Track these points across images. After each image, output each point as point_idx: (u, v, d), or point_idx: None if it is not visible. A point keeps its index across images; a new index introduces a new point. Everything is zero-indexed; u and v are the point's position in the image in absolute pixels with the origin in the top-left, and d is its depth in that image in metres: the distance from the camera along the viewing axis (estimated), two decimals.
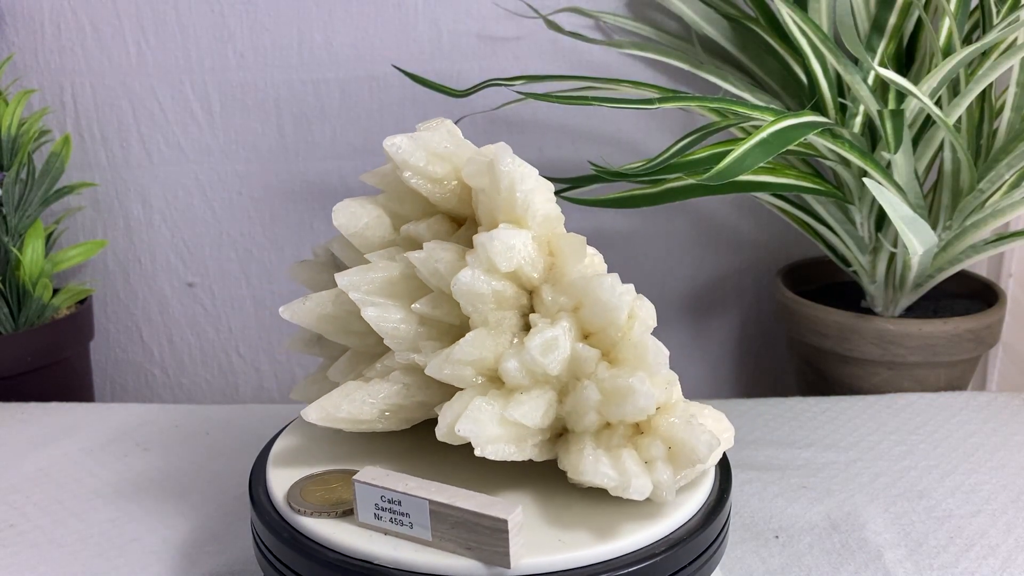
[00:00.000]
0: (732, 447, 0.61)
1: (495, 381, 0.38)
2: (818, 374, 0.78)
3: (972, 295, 0.80)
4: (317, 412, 0.40)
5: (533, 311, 0.39)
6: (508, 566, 0.34)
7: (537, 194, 0.38)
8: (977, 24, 0.71)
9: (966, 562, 0.49)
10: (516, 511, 0.34)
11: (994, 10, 0.66)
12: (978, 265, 0.84)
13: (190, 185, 0.88)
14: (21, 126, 0.79)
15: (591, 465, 0.36)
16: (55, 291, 0.82)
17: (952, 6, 0.66)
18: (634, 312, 0.37)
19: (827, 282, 0.86)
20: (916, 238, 0.61)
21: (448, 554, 0.34)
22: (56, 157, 0.81)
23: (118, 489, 0.58)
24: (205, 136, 0.87)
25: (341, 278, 0.39)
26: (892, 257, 0.73)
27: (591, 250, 0.40)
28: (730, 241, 0.91)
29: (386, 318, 0.39)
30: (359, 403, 0.40)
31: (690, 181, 0.64)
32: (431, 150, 0.41)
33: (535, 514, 0.37)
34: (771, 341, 0.94)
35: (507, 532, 0.33)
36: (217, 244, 0.90)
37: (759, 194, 0.75)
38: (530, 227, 0.38)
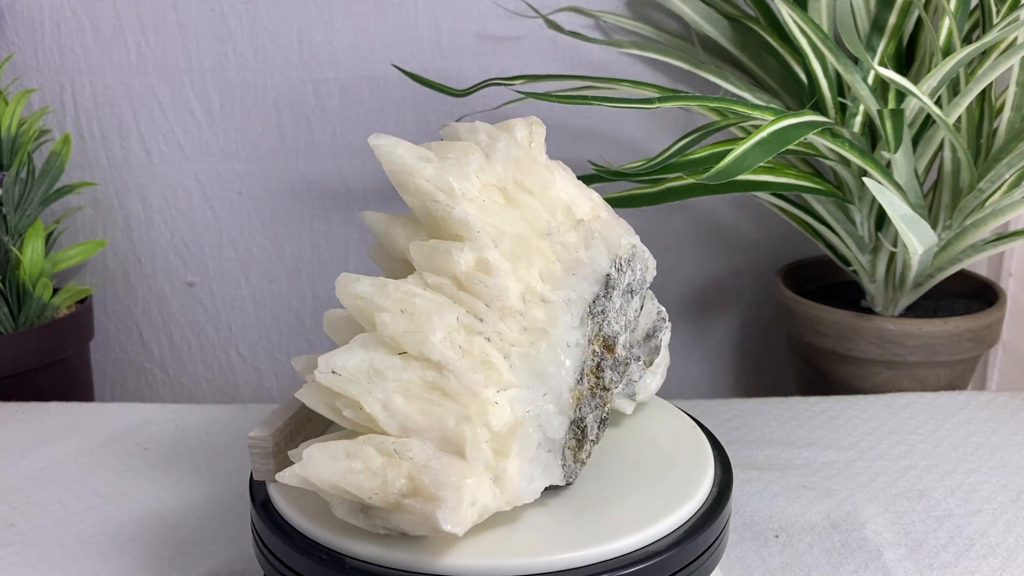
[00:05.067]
0: (732, 447, 0.62)
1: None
2: (818, 374, 0.78)
3: (972, 295, 0.80)
4: None
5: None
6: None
7: (407, 192, 0.38)
8: (977, 24, 0.71)
9: (966, 562, 0.49)
10: (263, 433, 0.38)
11: (994, 10, 0.66)
12: (978, 265, 0.84)
13: (190, 185, 0.88)
14: (21, 126, 0.79)
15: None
16: (55, 291, 0.82)
17: (952, 6, 0.66)
18: (382, 322, 0.35)
19: (827, 282, 0.86)
20: (916, 237, 0.61)
21: None
22: (56, 157, 0.81)
23: (118, 489, 0.58)
24: (205, 136, 0.87)
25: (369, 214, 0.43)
26: (892, 256, 0.73)
27: (492, 259, 0.37)
28: (730, 241, 0.91)
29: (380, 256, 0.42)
30: None
31: (690, 181, 0.64)
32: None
33: (535, 514, 0.37)
34: (771, 341, 0.94)
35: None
36: (217, 244, 0.90)
37: (759, 194, 0.75)
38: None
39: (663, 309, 0.43)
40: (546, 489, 0.37)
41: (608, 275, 0.39)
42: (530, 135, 0.41)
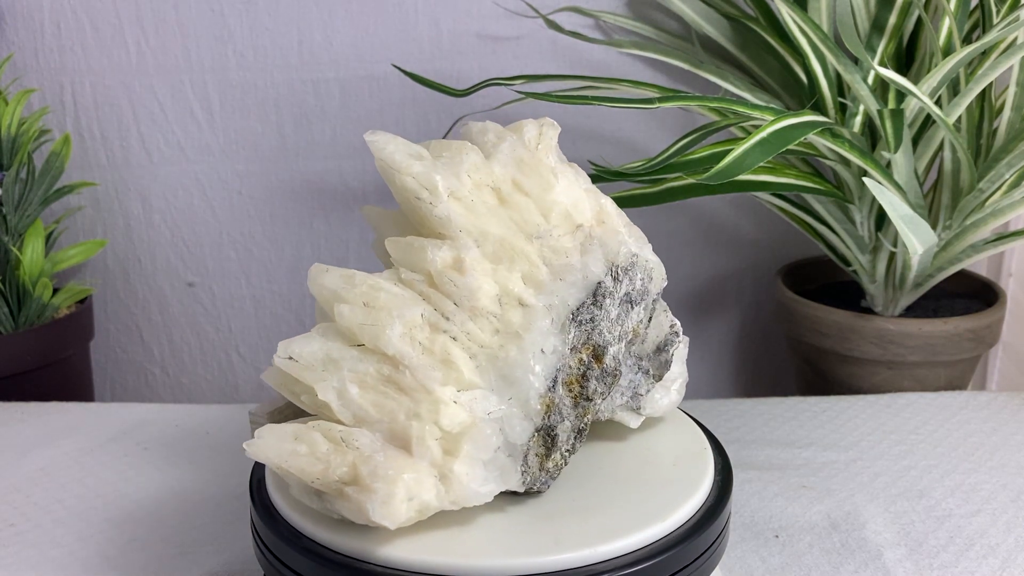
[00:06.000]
0: (732, 447, 0.62)
1: None
2: (818, 374, 0.78)
3: (972, 295, 0.80)
4: None
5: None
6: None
7: (395, 189, 0.38)
8: (977, 24, 0.71)
9: (966, 562, 0.49)
10: (261, 410, 0.40)
11: (994, 10, 0.66)
12: (978, 265, 0.84)
13: (190, 185, 0.88)
14: (21, 126, 0.79)
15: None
16: (55, 291, 0.82)
17: (952, 6, 0.66)
18: (340, 312, 0.35)
19: (827, 282, 0.86)
20: (916, 237, 0.61)
21: None
22: (56, 157, 0.81)
23: (118, 489, 0.58)
24: (205, 136, 0.87)
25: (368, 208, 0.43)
26: (892, 256, 0.73)
27: (472, 256, 0.37)
28: (730, 241, 0.91)
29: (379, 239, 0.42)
30: None
31: (690, 181, 0.64)
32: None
33: (534, 514, 0.37)
34: (771, 341, 0.94)
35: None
36: (217, 244, 0.90)
37: (759, 194, 0.75)
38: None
39: (676, 323, 0.41)
40: (515, 496, 0.37)
41: (600, 283, 0.38)
42: (539, 136, 0.41)
